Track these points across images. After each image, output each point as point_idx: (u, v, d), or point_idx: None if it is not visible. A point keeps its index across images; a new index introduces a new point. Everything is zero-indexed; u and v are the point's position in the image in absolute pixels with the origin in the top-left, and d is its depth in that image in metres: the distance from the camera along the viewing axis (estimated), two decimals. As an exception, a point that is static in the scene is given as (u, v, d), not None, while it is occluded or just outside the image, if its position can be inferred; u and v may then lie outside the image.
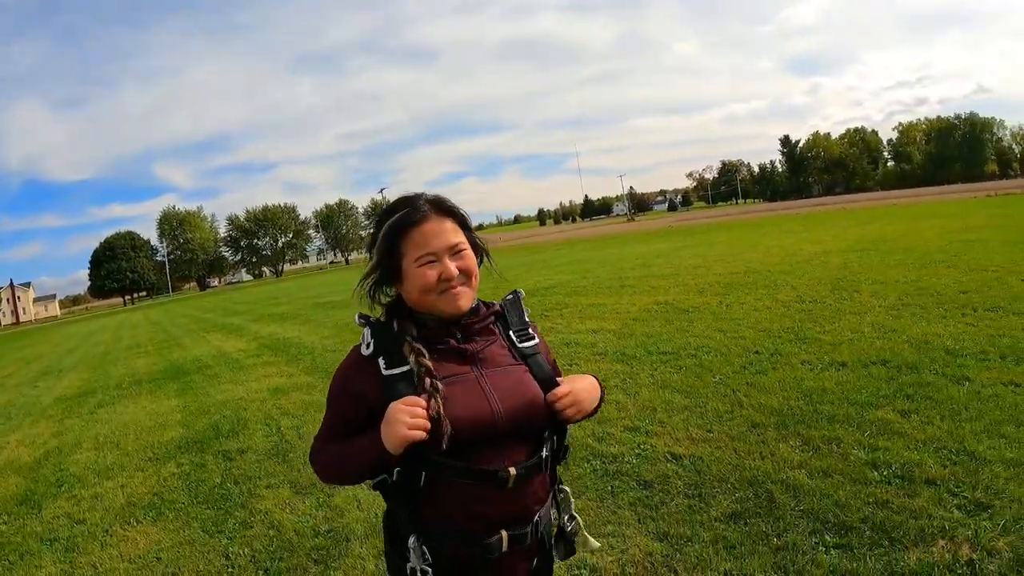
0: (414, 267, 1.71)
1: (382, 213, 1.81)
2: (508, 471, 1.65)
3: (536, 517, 1.74)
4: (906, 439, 4.68)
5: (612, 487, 4.57)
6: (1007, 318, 7.78)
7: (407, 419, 1.55)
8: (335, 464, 1.78)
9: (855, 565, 3.31)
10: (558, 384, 1.80)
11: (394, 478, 1.70)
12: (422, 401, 1.59)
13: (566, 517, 1.90)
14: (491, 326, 1.83)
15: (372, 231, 1.85)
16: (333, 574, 3.97)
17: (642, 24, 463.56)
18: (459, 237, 1.75)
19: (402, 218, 1.73)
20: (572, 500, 1.94)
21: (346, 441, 1.74)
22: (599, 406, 1.88)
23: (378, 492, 1.79)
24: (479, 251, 1.85)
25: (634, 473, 4.75)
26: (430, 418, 1.57)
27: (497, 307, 1.88)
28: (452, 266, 1.70)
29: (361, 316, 1.81)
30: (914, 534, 3.50)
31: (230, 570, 4.20)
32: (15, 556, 5.04)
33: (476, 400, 1.66)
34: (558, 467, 1.89)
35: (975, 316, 8.10)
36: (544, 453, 1.73)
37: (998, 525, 3.47)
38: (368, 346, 1.73)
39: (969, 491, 3.84)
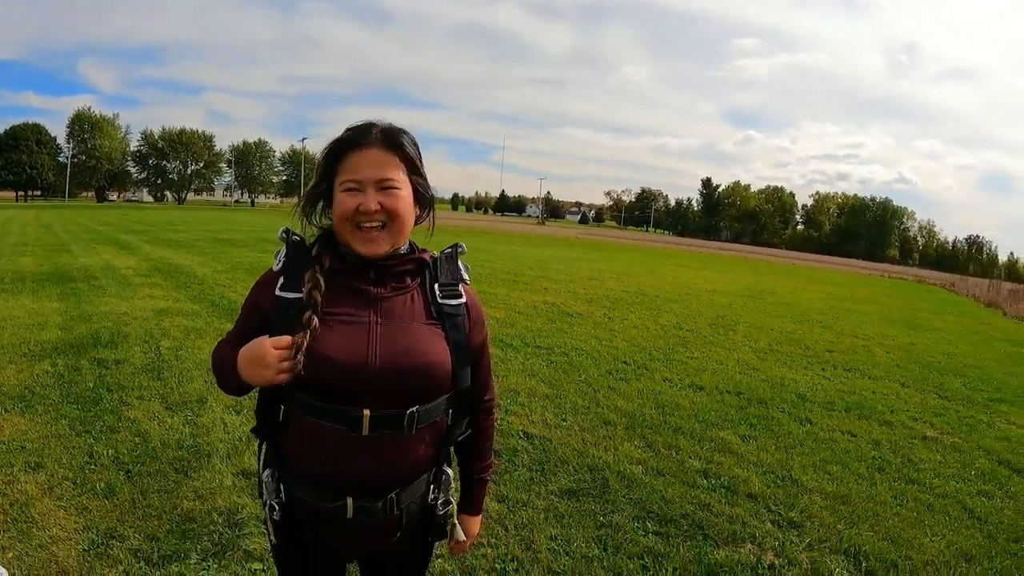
0: (338, 191, 1.64)
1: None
2: (362, 412, 1.57)
3: (392, 495, 1.66)
4: (740, 459, 5.23)
5: (462, 450, 4.89)
6: (861, 379, 8.64)
7: (277, 363, 1.53)
8: (217, 369, 1.76)
9: (668, 550, 3.73)
10: (477, 355, 1.81)
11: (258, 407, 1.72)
12: (290, 341, 1.56)
13: (440, 500, 1.80)
14: (412, 273, 1.74)
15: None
16: (192, 483, 4.12)
17: (600, 40, 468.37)
18: (394, 174, 1.64)
19: (345, 138, 1.66)
20: (453, 486, 1.84)
21: (232, 352, 1.68)
22: None
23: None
24: (424, 203, 1.75)
25: (486, 442, 5.06)
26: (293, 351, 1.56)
27: (426, 256, 1.77)
28: (373, 200, 1.60)
29: (285, 231, 1.73)
30: (727, 535, 3.98)
31: (92, 467, 4.28)
32: None
33: (353, 345, 1.60)
34: (450, 447, 1.83)
35: (833, 372, 8.93)
36: (412, 409, 1.62)
37: (804, 542, 4.00)
38: (279, 263, 1.70)
39: (785, 510, 4.38)
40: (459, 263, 1.81)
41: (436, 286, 1.74)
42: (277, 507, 1.71)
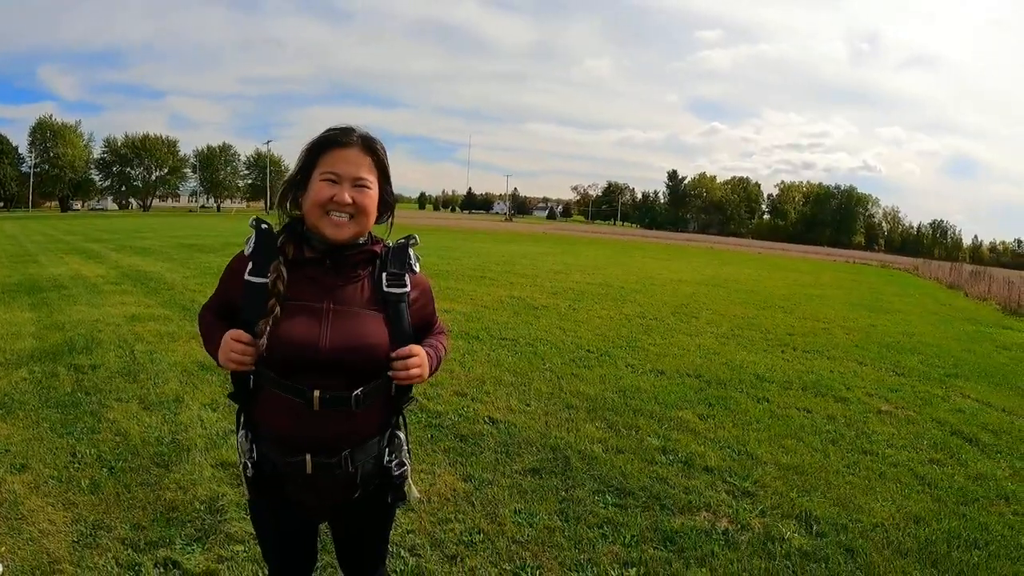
0: (316, 179, 1.89)
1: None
2: (313, 392, 1.85)
3: (345, 453, 1.92)
4: (697, 436, 5.54)
5: (432, 435, 5.20)
6: (820, 360, 9.00)
7: (235, 356, 1.83)
8: (203, 337, 2.06)
9: (626, 519, 4.02)
10: (429, 320, 2.14)
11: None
12: (248, 338, 1.84)
13: (394, 462, 2.06)
14: (364, 264, 1.99)
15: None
16: (173, 475, 4.32)
17: (561, 33, 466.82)
18: (369, 175, 1.92)
19: (330, 136, 1.92)
20: (405, 448, 2.12)
21: (214, 323, 2.01)
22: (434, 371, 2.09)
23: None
24: (387, 207, 2.03)
25: (453, 428, 5.37)
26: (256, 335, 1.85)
27: (379, 247, 2.03)
28: (347, 194, 1.87)
29: (256, 219, 1.99)
30: (683, 504, 4.28)
31: (76, 465, 4.45)
32: None
33: (307, 330, 1.86)
34: (400, 414, 2.13)
35: (792, 354, 9.31)
36: (358, 391, 1.89)
37: (757, 509, 4.31)
38: (249, 248, 1.95)
39: (740, 481, 4.69)
40: (409, 252, 2.06)
41: (384, 275, 1.99)
42: (250, 465, 1.98)
